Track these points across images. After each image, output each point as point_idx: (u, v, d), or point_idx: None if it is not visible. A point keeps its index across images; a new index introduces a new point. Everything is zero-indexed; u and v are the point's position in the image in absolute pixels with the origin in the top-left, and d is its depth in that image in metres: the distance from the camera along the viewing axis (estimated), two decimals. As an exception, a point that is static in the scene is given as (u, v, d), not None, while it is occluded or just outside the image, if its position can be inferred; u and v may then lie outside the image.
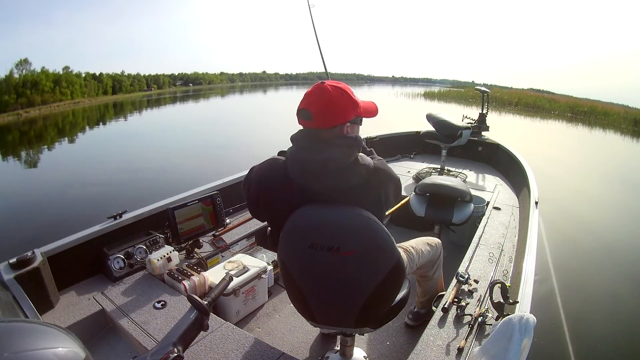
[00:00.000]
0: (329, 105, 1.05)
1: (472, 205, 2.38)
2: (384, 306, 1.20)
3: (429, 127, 3.42)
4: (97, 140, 13.18)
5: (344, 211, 1.04)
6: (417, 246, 1.51)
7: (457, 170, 3.43)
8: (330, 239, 1.04)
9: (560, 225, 4.33)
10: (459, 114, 3.88)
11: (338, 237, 1.04)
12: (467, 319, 1.43)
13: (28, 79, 32.82)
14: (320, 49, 1.99)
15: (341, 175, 1.05)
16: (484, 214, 2.44)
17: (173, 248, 1.92)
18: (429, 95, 30.65)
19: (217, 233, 2.24)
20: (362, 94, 1.18)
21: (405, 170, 3.50)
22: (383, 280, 1.07)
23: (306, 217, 1.08)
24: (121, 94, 46.87)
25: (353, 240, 1.03)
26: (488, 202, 2.65)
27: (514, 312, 1.27)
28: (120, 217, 1.99)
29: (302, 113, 1.07)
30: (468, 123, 3.73)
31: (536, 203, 2.35)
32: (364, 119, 1.18)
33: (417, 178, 3.22)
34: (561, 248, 3.71)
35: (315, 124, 1.06)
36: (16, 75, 32.84)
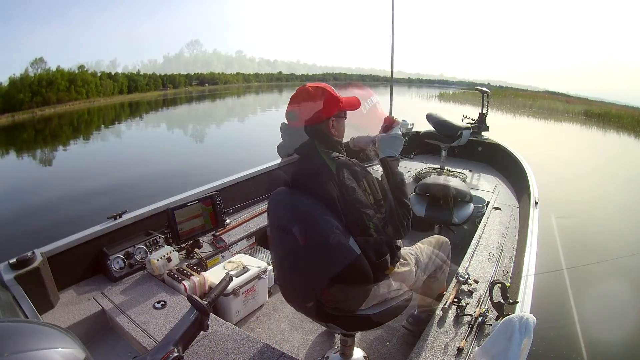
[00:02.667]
0: (311, 104, 1.17)
1: (472, 205, 2.37)
2: (345, 307, 1.20)
3: (429, 127, 3.40)
4: (111, 138, 13.25)
5: (301, 199, 1.14)
6: (430, 251, 1.45)
7: (457, 170, 3.41)
8: (289, 222, 1.14)
9: (574, 226, 4.30)
10: (460, 115, 3.85)
11: (295, 221, 1.13)
12: (467, 319, 1.43)
13: (43, 78, 32.84)
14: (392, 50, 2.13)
15: (305, 164, 1.21)
16: (484, 214, 2.43)
17: (173, 248, 1.92)
18: (443, 97, 30.36)
19: (217, 233, 2.23)
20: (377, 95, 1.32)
21: (405, 171, 3.48)
22: (336, 278, 1.10)
23: (276, 198, 1.23)
24: (137, 93, 46.54)
25: (304, 227, 1.11)
26: (488, 202, 2.64)
27: (514, 312, 1.27)
28: (120, 217, 1.99)
29: (290, 115, 1.22)
30: (468, 123, 3.72)
31: (536, 203, 2.34)
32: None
33: (417, 178, 3.21)
34: (574, 250, 3.66)
35: (302, 123, 1.18)
36: (31, 74, 33.09)
